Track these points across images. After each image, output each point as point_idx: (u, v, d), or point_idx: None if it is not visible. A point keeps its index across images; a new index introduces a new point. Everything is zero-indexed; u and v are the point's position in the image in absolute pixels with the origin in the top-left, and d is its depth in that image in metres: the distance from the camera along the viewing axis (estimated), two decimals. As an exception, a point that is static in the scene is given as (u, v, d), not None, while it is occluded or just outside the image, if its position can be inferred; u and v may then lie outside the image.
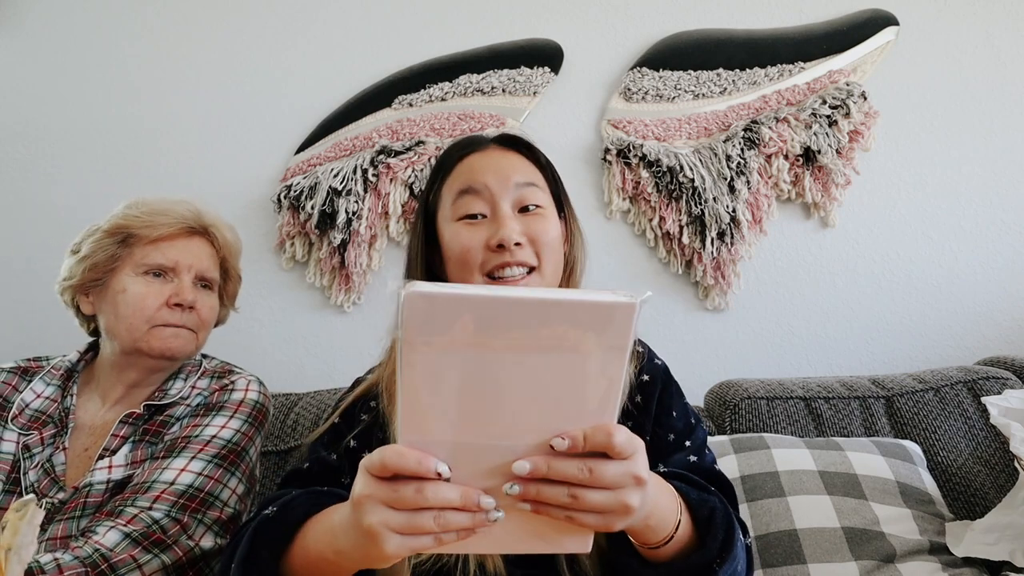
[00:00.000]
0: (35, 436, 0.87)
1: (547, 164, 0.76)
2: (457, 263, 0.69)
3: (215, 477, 0.83)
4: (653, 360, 0.76)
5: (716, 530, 0.56)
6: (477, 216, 0.69)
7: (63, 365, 0.95)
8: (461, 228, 0.69)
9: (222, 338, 1.49)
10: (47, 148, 1.65)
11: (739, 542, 0.58)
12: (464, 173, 0.71)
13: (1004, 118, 1.45)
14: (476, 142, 0.76)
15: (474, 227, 0.68)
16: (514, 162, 0.72)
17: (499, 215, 0.68)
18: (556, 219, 0.73)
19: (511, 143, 0.76)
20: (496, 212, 0.68)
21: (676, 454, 0.68)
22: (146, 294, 0.88)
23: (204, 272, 0.94)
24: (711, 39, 1.53)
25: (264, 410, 0.95)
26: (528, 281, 0.68)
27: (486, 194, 0.69)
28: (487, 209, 0.69)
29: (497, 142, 0.76)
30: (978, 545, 0.92)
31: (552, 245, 0.69)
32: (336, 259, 1.50)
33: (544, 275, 0.69)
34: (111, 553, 0.73)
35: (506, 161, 0.72)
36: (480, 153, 0.74)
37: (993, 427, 1.11)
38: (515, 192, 0.69)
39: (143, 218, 0.90)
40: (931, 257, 1.44)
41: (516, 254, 0.67)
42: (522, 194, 0.69)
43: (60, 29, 1.70)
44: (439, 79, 1.57)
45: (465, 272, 0.68)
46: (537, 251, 0.68)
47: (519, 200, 0.69)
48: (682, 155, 1.45)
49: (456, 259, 0.69)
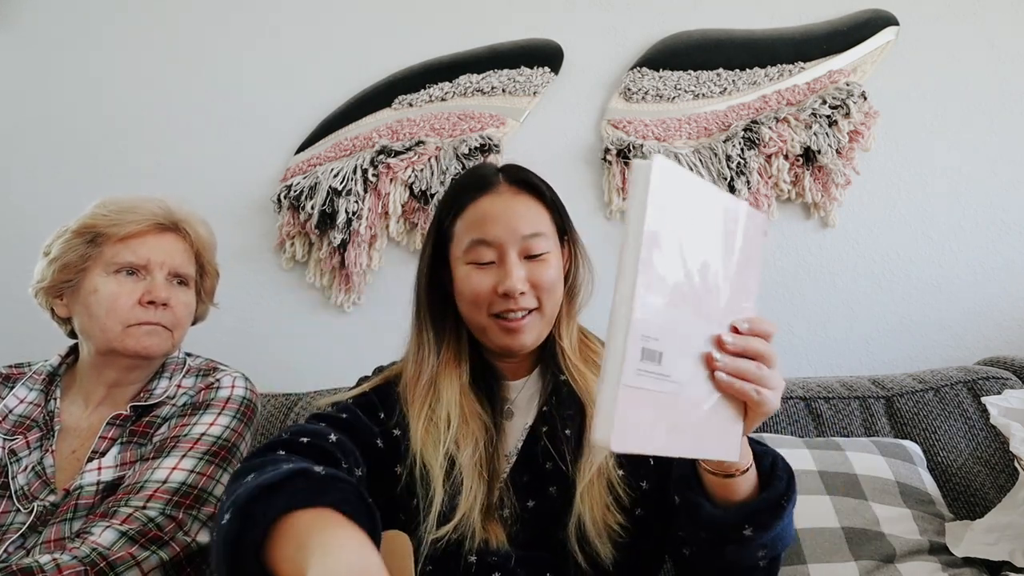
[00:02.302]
0: (20, 440, 0.87)
1: (552, 201, 0.82)
2: (467, 302, 0.77)
3: (207, 474, 0.83)
4: None
5: (780, 471, 0.63)
6: (487, 264, 0.76)
7: (44, 369, 0.94)
8: (472, 272, 0.76)
9: (222, 338, 1.50)
10: (46, 149, 1.66)
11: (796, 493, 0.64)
12: (477, 219, 0.77)
13: (1004, 118, 1.45)
14: (489, 182, 0.80)
15: (483, 272, 0.76)
16: (522, 211, 0.78)
17: (507, 265, 0.75)
18: (558, 259, 0.80)
19: (521, 184, 0.80)
20: (504, 261, 0.75)
21: None
22: (118, 293, 0.87)
23: (178, 268, 0.93)
24: (711, 39, 1.53)
25: (252, 406, 0.95)
26: (529, 320, 0.76)
27: (496, 244, 0.76)
28: (496, 256, 0.76)
29: (507, 178, 0.80)
30: (978, 545, 0.92)
31: (550, 287, 0.77)
32: (336, 259, 1.50)
33: (544, 313, 0.77)
34: (109, 552, 0.73)
35: (516, 209, 0.78)
36: (492, 196, 0.78)
37: (993, 427, 1.11)
38: (522, 242, 0.76)
39: (111, 216, 0.89)
40: (931, 257, 1.43)
41: (520, 301, 0.75)
42: (528, 244, 0.76)
43: (59, 29, 1.70)
44: (439, 79, 1.57)
45: (474, 311, 0.77)
46: (538, 295, 0.76)
47: (525, 249, 0.76)
48: (682, 155, 1.45)
49: (467, 299, 0.77)
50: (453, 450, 0.73)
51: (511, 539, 0.70)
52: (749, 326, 0.52)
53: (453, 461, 0.72)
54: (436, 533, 0.68)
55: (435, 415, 0.75)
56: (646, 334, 0.44)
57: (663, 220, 0.45)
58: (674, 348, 0.46)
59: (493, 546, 0.69)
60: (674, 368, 0.46)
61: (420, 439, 0.74)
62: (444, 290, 0.81)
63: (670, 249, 0.46)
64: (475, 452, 0.73)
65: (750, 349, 0.51)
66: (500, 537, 0.69)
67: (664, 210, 0.45)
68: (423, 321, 0.82)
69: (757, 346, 0.52)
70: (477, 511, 0.69)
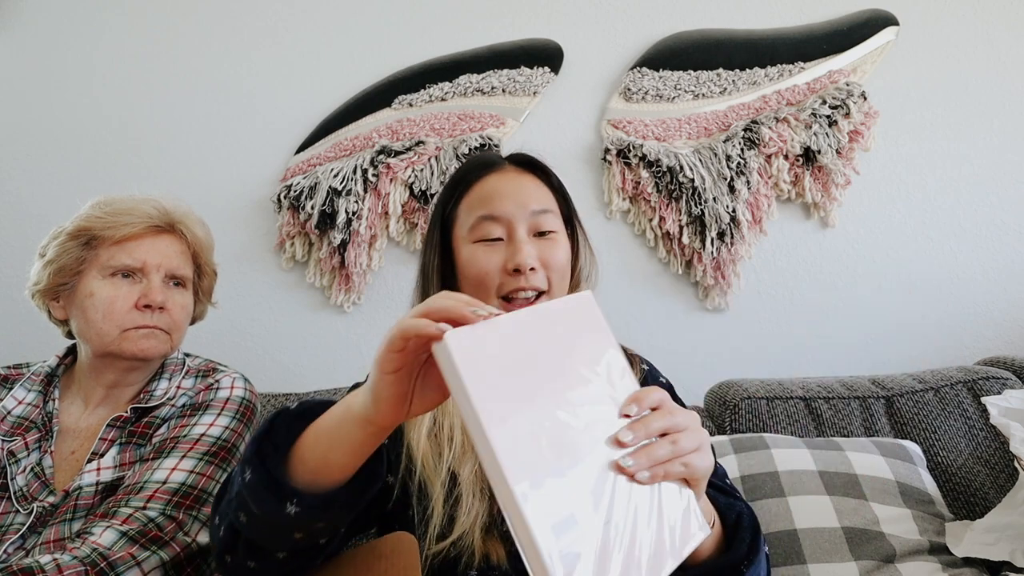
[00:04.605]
0: (19, 441, 0.86)
1: (559, 186, 0.80)
2: (473, 284, 0.73)
3: (207, 474, 0.83)
4: (658, 378, 0.80)
5: (744, 533, 0.59)
6: (495, 240, 0.73)
7: (43, 370, 0.94)
8: (478, 250, 0.73)
9: (222, 338, 1.50)
10: (46, 149, 1.65)
11: (764, 548, 0.61)
12: (484, 196, 0.75)
13: (1004, 118, 1.45)
14: (494, 162, 0.78)
15: (491, 250, 0.72)
16: (530, 187, 0.76)
17: (516, 240, 0.72)
18: (566, 242, 0.77)
19: (527, 165, 0.79)
20: (513, 237, 0.72)
21: None
22: (115, 297, 0.87)
23: (174, 270, 0.92)
24: (711, 39, 1.53)
25: (252, 406, 0.94)
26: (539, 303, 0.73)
27: (504, 220, 0.73)
28: (504, 233, 0.73)
29: (513, 162, 0.79)
30: (978, 545, 0.92)
31: (561, 270, 0.74)
32: (336, 259, 1.50)
33: (553, 297, 0.73)
34: (109, 552, 0.72)
35: (523, 186, 0.75)
36: (498, 174, 0.77)
37: (993, 427, 1.11)
38: (531, 218, 0.73)
39: (106, 219, 0.88)
40: (931, 257, 1.44)
41: (530, 279, 0.71)
42: (537, 220, 0.73)
43: (59, 29, 1.70)
44: (439, 79, 1.57)
45: (481, 293, 0.72)
46: (548, 276, 0.73)
47: (534, 226, 0.73)
48: (682, 155, 1.45)
49: (472, 280, 0.73)
50: (456, 465, 0.69)
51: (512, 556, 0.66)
52: (637, 407, 0.48)
53: (454, 477, 0.68)
54: (434, 548, 0.65)
55: (436, 426, 0.71)
56: (547, 512, 0.39)
57: (490, 391, 0.40)
58: (582, 496, 0.41)
59: (494, 562, 0.65)
60: (596, 512, 0.41)
61: (421, 450, 0.70)
62: (447, 282, 0.77)
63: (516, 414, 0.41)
64: (474, 466, 0.69)
65: (653, 430, 0.47)
66: (501, 554, 0.66)
67: (484, 378, 0.40)
68: None
69: (657, 423, 0.47)
70: (478, 529, 0.66)
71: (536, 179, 0.78)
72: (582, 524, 0.40)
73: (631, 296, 1.48)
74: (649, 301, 1.48)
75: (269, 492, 0.51)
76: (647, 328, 1.46)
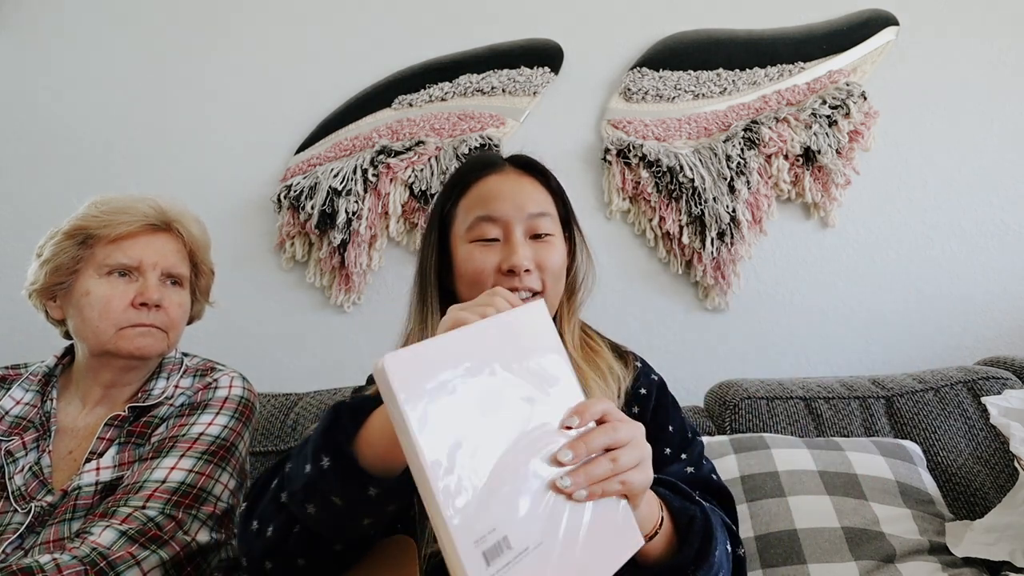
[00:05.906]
0: (16, 441, 0.86)
1: (558, 189, 0.80)
2: (468, 283, 0.73)
3: (206, 473, 0.83)
4: (650, 375, 0.80)
5: (693, 538, 0.58)
6: (491, 240, 0.74)
7: (41, 370, 0.94)
8: (475, 250, 0.73)
9: (221, 338, 1.50)
10: (46, 149, 1.65)
11: (717, 552, 0.59)
12: (482, 196, 0.75)
13: (1003, 118, 1.45)
14: (494, 162, 0.79)
15: (487, 249, 0.73)
16: (528, 190, 0.76)
17: (512, 241, 0.72)
18: (563, 245, 0.77)
19: (526, 167, 0.79)
20: (510, 238, 0.73)
21: (673, 465, 0.71)
22: (111, 296, 0.87)
23: (171, 269, 0.92)
24: (711, 39, 1.53)
25: (250, 405, 0.94)
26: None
27: (502, 221, 0.73)
28: (500, 234, 0.73)
29: (512, 164, 0.79)
30: (978, 545, 0.91)
31: (556, 272, 0.75)
32: (336, 259, 1.50)
33: (547, 299, 0.73)
34: (109, 551, 0.72)
35: (522, 188, 0.76)
36: (497, 175, 0.77)
37: (993, 427, 1.11)
38: (528, 220, 0.74)
39: (102, 217, 0.88)
40: (931, 257, 1.43)
41: (525, 280, 0.71)
42: (534, 223, 0.74)
43: (59, 29, 1.70)
44: (439, 79, 1.57)
45: (476, 292, 0.71)
46: (543, 278, 0.73)
47: (531, 228, 0.74)
48: (682, 155, 1.45)
49: (468, 279, 0.73)
50: None
51: None
52: (579, 419, 0.47)
53: None
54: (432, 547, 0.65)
55: None
56: (477, 538, 0.39)
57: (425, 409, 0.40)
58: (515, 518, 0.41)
59: None
60: (528, 533, 0.41)
61: None
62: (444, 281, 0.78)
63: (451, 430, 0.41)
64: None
65: (594, 447, 0.46)
66: None
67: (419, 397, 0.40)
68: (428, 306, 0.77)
69: (598, 440, 0.47)
70: None
71: (535, 181, 0.78)
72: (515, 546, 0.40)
73: (631, 296, 1.48)
74: (649, 301, 1.47)
75: (352, 477, 0.51)
76: (647, 328, 1.46)
